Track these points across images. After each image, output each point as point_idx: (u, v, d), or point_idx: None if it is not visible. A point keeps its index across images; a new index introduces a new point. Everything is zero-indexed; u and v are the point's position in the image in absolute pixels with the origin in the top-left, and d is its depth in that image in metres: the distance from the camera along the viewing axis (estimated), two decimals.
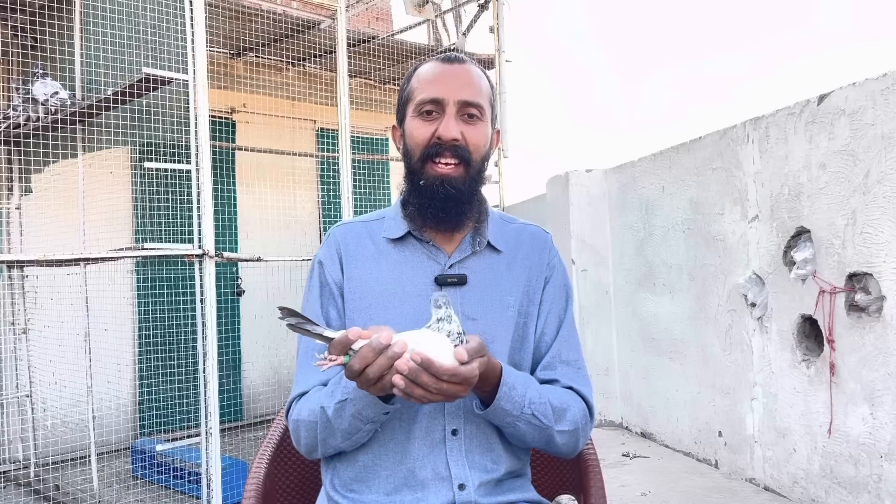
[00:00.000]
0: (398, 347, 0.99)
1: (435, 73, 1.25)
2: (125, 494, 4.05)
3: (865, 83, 2.82)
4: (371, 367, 0.99)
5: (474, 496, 1.18)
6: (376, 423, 1.16)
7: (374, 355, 0.99)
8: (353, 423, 1.14)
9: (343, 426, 1.14)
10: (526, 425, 1.17)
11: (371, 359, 0.99)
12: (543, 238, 1.36)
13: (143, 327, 4.97)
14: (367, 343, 0.99)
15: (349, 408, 1.12)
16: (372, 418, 1.13)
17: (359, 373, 1.00)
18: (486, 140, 1.27)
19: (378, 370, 0.99)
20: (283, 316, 1.02)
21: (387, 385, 1.00)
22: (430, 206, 1.22)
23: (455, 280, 1.24)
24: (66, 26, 3.87)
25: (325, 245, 1.32)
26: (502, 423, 1.17)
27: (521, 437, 1.19)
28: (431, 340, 1.01)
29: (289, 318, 1.02)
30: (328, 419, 1.15)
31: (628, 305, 4.65)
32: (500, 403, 1.13)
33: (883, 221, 2.73)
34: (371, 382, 1.00)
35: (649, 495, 3.46)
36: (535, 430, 1.18)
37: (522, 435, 1.19)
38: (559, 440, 1.21)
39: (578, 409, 1.24)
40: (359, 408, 1.11)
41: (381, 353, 0.99)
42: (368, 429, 1.16)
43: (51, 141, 3.84)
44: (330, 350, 1.01)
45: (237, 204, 5.72)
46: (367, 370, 0.99)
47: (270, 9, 4.80)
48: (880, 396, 2.77)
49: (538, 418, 1.17)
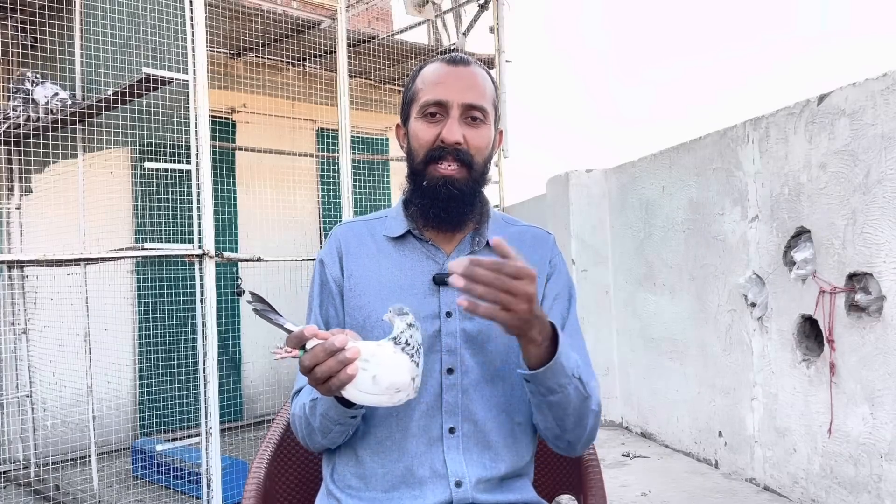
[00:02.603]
0: (350, 353, 1.00)
1: (440, 75, 1.25)
2: (125, 494, 4.05)
3: (865, 83, 2.82)
4: (320, 366, 1.00)
5: (471, 493, 1.18)
6: (346, 426, 1.17)
7: (324, 356, 1.00)
8: (323, 423, 1.17)
9: (317, 424, 1.18)
10: (574, 391, 1.12)
11: (322, 359, 1.00)
12: (545, 238, 1.36)
13: (143, 327, 4.97)
14: (321, 343, 1.01)
15: (319, 407, 1.15)
16: (338, 420, 1.15)
17: (308, 370, 1.01)
18: (489, 143, 1.27)
19: (326, 371, 1.00)
20: (252, 300, 1.04)
21: (333, 387, 1.01)
22: (432, 207, 1.23)
23: None
24: (66, 26, 3.87)
25: (327, 244, 1.34)
26: (554, 384, 1.11)
27: (566, 405, 1.13)
28: (386, 353, 1.02)
29: (255, 304, 1.04)
30: (306, 416, 1.20)
31: (628, 305, 4.65)
32: (560, 359, 1.08)
33: (883, 221, 2.73)
34: (319, 381, 1.01)
35: (649, 495, 3.46)
36: (579, 400, 1.13)
37: (568, 403, 1.13)
38: (590, 420, 1.18)
39: (595, 394, 1.21)
40: (325, 408, 1.14)
41: (332, 355, 1.00)
42: (339, 430, 1.18)
43: (51, 141, 3.84)
44: (286, 342, 1.03)
45: (237, 204, 5.72)
46: (316, 369, 1.00)
47: (270, 9, 4.80)
48: (880, 396, 2.77)
49: (583, 384, 1.14)
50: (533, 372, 1.10)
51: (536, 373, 1.09)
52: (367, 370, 1.01)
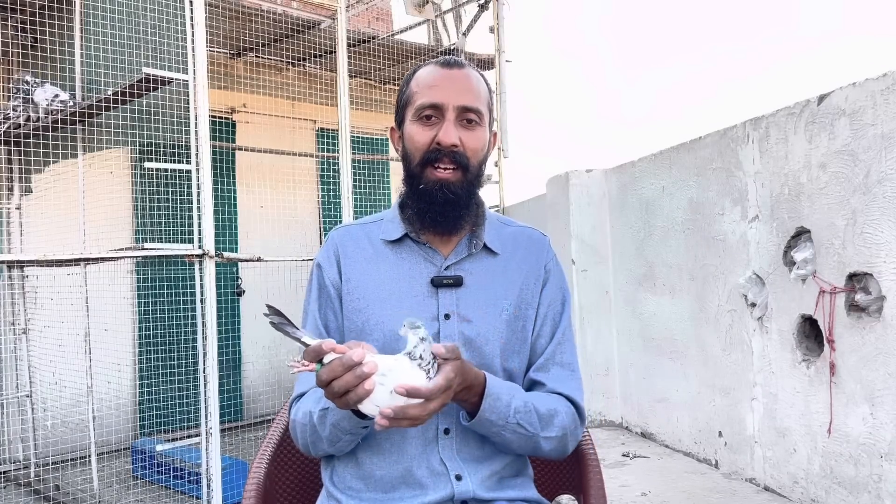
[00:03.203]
0: (367, 368, 1.00)
1: (434, 78, 1.25)
2: (125, 494, 4.05)
3: (865, 83, 2.82)
4: (338, 381, 1.00)
5: (472, 487, 1.20)
6: (356, 436, 1.18)
7: (342, 370, 1.00)
8: (333, 433, 1.17)
9: (325, 433, 1.18)
10: (511, 434, 1.20)
11: (339, 373, 1.00)
12: (541, 241, 1.37)
13: (143, 327, 4.97)
14: (339, 358, 1.00)
15: (330, 417, 1.15)
16: (349, 430, 1.15)
17: (325, 384, 1.01)
18: (484, 145, 1.28)
19: (344, 385, 1.00)
20: (269, 314, 1.04)
21: (350, 401, 1.01)
22: (428, 211, 1.24)
23: (451, 282, 1.25)
24: (66, 26, 3.87)
25: (323, 248, 1.34)
26: (488, 432, 1.20)
27: (507, 444, 1.22)
28: (403, 368, 1.03)
29: (273, 317, 1.04)
30: (314, 424, 1.19)
31: (628, 305, 4.65)
32: (484, 414, 1.16)
33: (883, 221, 2.73)
34: (336, 395, 1.01)
35: (649, 495, 3.46)
36: (521, 439, 1.21)
37: (508, 443, 1.22)
38: (546, 446, 1.24)
39: (567, 414, 1.26)
40: (337, 418, 1.14)
41: (350, 369, 0.99)
42: (348, 439, 1.18)
43: (51, 141, 3.85)
44: (304, 356, 1.03)
45: (237, 204, 5.72)
46: (334, 383, 1.00)
47: (270, 9, 4.80)
48: (880, 396, 2.77)
49: (523, 427, 1.20)
50: (467, 423, 1.19)
51: (468, 424, 1.19)
52: (385, 385, 1.01)
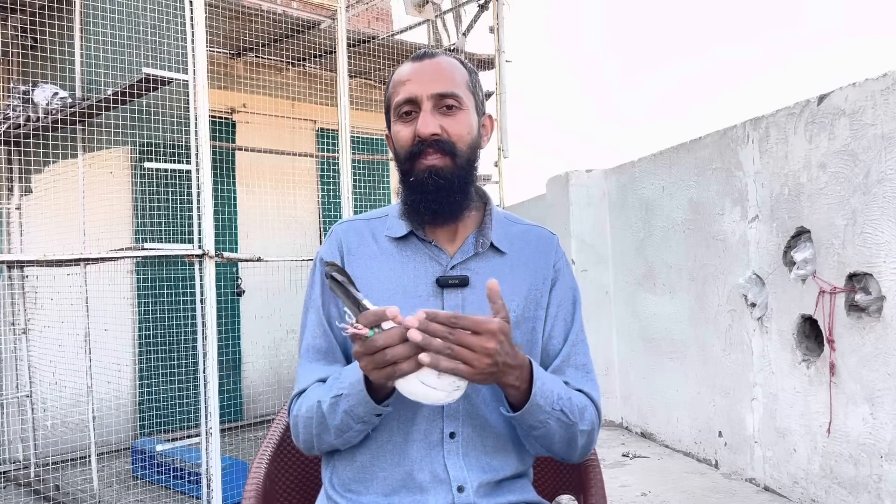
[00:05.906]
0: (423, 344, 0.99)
1: (407, 74, 1.25)
2: (125, 494, 4.05)
3: (865, 83, 2.82)
4: (392, 349, 0.99)
5: (473, 498, 1.17)
6: (367, 424, 1.15)
7: (398, 341, 0.99)
8: (345, 420, 1.14)
9: (335, 422, 1.15)
10: (556, 423, 1.15)
11: (395, 342, 0.99)
12: (549, 240, 1.34)
13: (143, 327, 4.97)
14: (398, 327, 1.00)
15: (343, 403, 1.12)
16: (363, 417, 1.12)
17: (376, 350, 1.00)
18: (471, 129, 1.25)
19: (394, 356, 0.99)
20: (330, 269, 1.02)
21: (395, 374, 1.00)
22: (422, 201, 1.22)
23: (456, 282, 1.23)
24: (66, 26, 3.87)
25: (326, 242, 1.31)
26: (535, 422, 1.14)
27: (550, 437, 1.16)
28: None
29: (335, 274, 1.02)
30: (323, 414, 1.16)
31: (628, 305, 4.65)
32: (535, 399, 1.11)
33: (883, 221, 2.73)
34: (381, 364, 1.00)
35: (649, 495, 3.46)
36: (564, 429, 1.16)
37: (552, 434, 1.16)
38: (580, 440, 1.20)
39: (592, 411, 1.23)
40: (352, 404, 1.11)
41: (405, 342, 0.99)
42: (359, 428, 1.15)
43: (51, 141, 3.84)
44: (359, 319, 1.01)
45: (237, 204, 5.72)
46: (387, 351, 0.99)
47: (270, 9, 4.80)
48: (880, 396, 2.77)
49: (566, 415, 1.15)
50: (513, 414, 1.13)
51: (516, 415, 1.13)
52: None
